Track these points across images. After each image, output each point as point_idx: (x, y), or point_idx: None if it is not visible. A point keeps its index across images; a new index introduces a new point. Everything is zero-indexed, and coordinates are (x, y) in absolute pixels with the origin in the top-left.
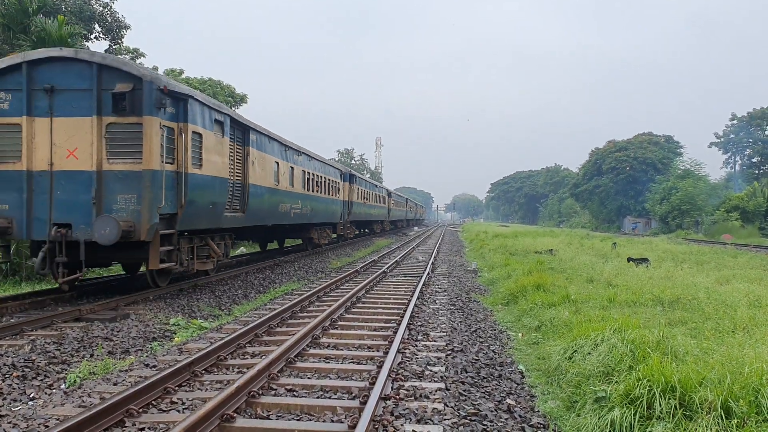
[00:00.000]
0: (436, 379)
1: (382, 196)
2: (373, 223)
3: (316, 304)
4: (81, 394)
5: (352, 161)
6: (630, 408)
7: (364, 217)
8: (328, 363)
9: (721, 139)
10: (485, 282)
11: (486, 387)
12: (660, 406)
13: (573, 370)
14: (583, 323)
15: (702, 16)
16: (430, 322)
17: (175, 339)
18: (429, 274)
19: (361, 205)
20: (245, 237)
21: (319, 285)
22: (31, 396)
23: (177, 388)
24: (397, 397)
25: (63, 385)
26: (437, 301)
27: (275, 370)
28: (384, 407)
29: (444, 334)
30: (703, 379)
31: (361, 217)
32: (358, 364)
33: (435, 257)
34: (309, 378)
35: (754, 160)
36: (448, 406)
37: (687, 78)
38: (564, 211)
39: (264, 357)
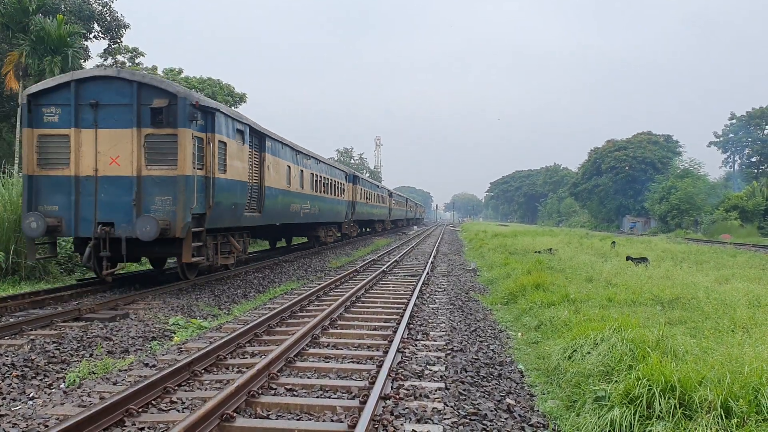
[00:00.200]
0: (436, 378)
1: (384, 196)
2: (375, 223)
3: (316, 303)
4: (80, 394)
5: (351, 161)
6: (630, 407)
7: (367, 216)
8: (328, 362)
9: (721, 139)
10: (484, 281)
11: (486, 386)
12: (660, 405)
13: (572, 370)
14: (583, 323)
15: (702, 16)
16: (429, 321)
17: (175, 338)
18: (428, 273)
19: (364, 205)
20: (260, 235)
21: (319, 284)
22: (30, 395)
23: (177, 388)
24: (397, 396)
25: (62, 385)
26: (437, 301)
27: (275, 369)
28: (384, 407)
29: (443, 333)
30: (703, 379)
31: (364, 216)
32: (358, 363)
33: (434, 256)
34: (309, 377)
35: (753, 160)
36: (447, 406)
37: (687, 78)
38: (563, 211)
39: (264, 356)
